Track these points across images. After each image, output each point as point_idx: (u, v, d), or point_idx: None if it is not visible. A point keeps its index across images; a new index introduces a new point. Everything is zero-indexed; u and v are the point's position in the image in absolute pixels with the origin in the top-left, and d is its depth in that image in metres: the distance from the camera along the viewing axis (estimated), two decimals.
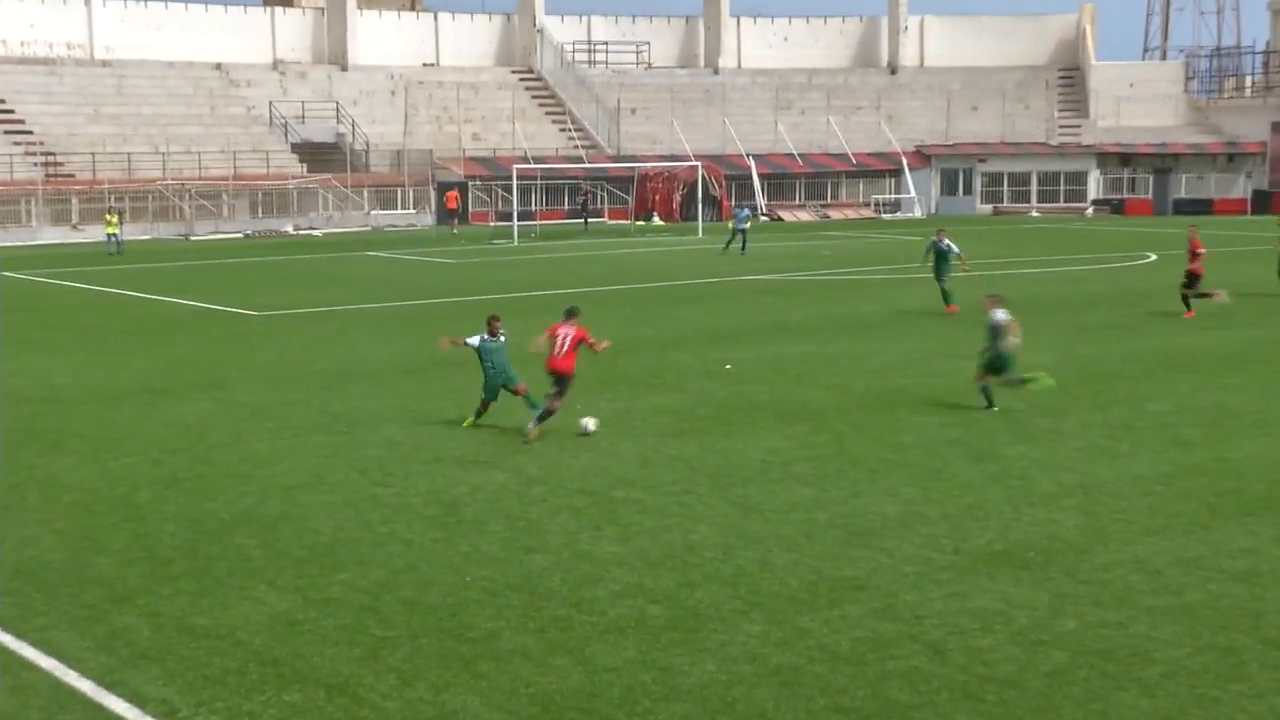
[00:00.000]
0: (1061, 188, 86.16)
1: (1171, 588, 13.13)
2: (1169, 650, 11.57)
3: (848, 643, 11.81)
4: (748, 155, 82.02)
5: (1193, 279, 34.11)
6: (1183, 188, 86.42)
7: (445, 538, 15.00)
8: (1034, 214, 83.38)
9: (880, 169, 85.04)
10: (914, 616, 12.41)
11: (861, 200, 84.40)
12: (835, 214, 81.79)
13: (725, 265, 48.42)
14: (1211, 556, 14.08)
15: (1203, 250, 34.49)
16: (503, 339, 20.55)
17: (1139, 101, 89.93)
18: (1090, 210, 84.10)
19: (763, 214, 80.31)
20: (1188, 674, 11.10)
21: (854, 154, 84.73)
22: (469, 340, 20.66)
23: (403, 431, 20.49)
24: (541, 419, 19.81)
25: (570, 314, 20.42)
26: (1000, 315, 21.69)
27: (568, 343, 19.93)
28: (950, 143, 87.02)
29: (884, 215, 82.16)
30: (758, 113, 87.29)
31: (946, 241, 34.22)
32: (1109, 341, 29.29)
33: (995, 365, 21.61)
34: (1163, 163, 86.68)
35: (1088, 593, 13.01)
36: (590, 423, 20.16)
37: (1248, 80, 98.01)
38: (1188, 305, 33.62)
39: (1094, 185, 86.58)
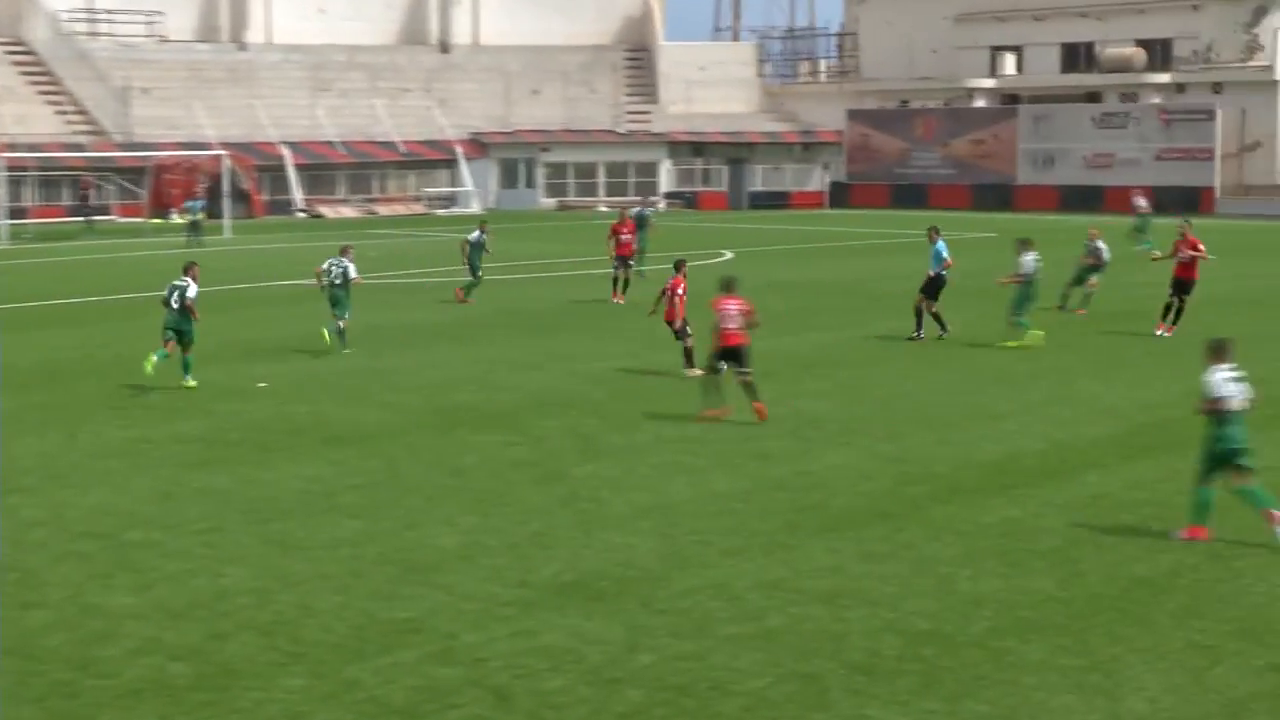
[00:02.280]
0: (631, 179, 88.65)
1: (752, 613, 13.69)
2: (749, 681, 12.06)
3: (402, 693, 11.82)
4: (282, 143, 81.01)
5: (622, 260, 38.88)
6: (759, 179, 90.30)
7: None
8: (602, 208, 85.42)
9: (433, 159, 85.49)
10: (475, 659, 12.52)
11: (413, 194, 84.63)
12: (384, 209, 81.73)
13: (258, 268, 47.67)
14: (793, 578, 14.75)
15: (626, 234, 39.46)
16: (184, 284, 25.73)
17: (711, 86, 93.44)
18: (662, 205, 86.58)
19: (300, 210, 79.51)
20: (768, 705, 11.60)
21: (403, 142, 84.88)
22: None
23: None
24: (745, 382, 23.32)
25: (728, 286, 23.31)
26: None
27: (732, 318, 23.09)
28: (510, 130, 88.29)
29: (438, 211, 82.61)
30: (293, 95, 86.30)
31: (481, 234, 39.11)
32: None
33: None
34: (737, 152, 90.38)
35: (665, 623, 13.42)
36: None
37: (822, 64, 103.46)
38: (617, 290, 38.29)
39: (665, 177, 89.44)
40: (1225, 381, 15.88)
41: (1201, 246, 31.94)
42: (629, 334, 32.11)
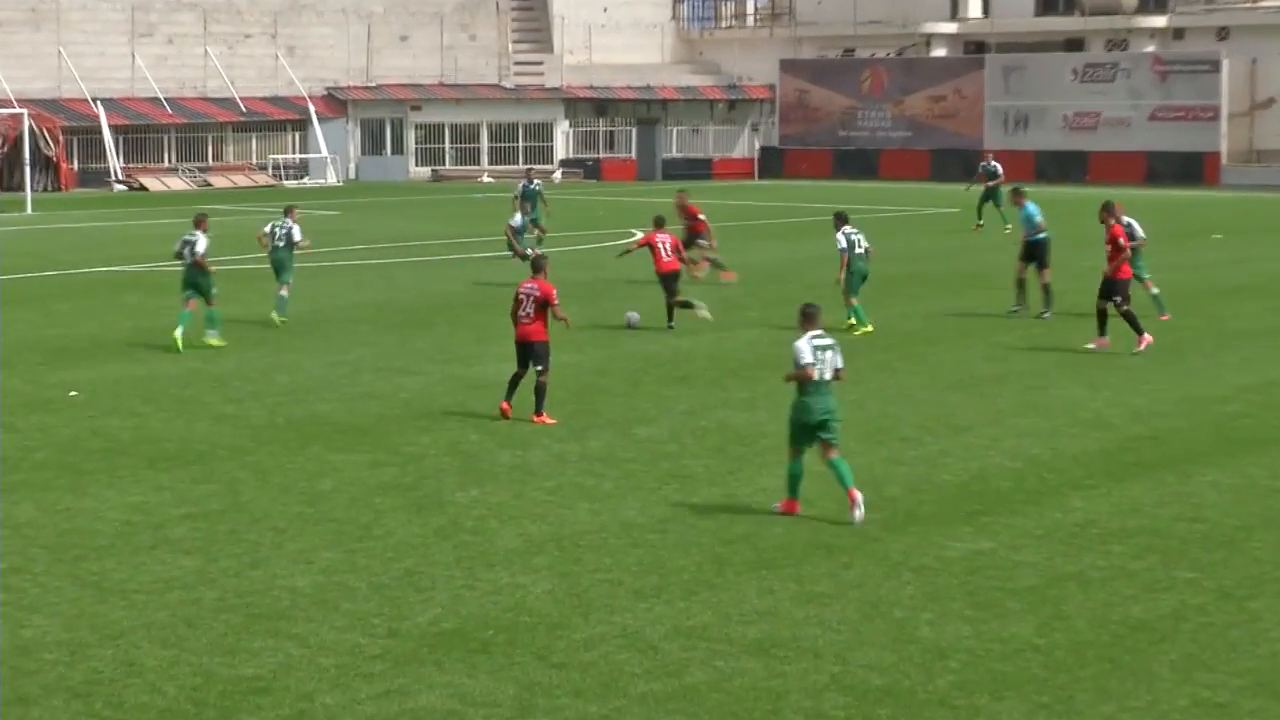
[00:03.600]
0: (521, 144, 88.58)
1: (670, 667, 13.69)
2: None
3: None
4: (95, 100, 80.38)
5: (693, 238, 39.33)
6: (674, 144, 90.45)
7: None
8: (486, 178, 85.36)
9: (280, 120, 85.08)
10: None
11: (256, 162, 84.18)
12: (220, 180, 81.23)
13: (67, 252, 47.26)
14: (719, 624, 14.76)
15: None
16: (193, 238, 29.84)
17: (616, 33, 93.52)
18: (557, 176, 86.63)
19: (118, 181, 78.91)
20: None
21: (243, 99, 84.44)
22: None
23: None
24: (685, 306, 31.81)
25: (659, 223, 33.42)
26: None
27: (667, 248, 32.46)
28: (373, 85, 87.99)
29: (287, 182, 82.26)
30: (108, 41, 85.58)
31: (534, 183, 45.91)
32: (584, 348, 30.26)
33: None
34: (648, 111, 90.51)
35: (565, 679, 13.40)
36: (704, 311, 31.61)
37: (750, 6, 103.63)
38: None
39: (562, 141, 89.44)
40: (813, 350, 17.74)
41: (1123, 238, 28.87)
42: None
